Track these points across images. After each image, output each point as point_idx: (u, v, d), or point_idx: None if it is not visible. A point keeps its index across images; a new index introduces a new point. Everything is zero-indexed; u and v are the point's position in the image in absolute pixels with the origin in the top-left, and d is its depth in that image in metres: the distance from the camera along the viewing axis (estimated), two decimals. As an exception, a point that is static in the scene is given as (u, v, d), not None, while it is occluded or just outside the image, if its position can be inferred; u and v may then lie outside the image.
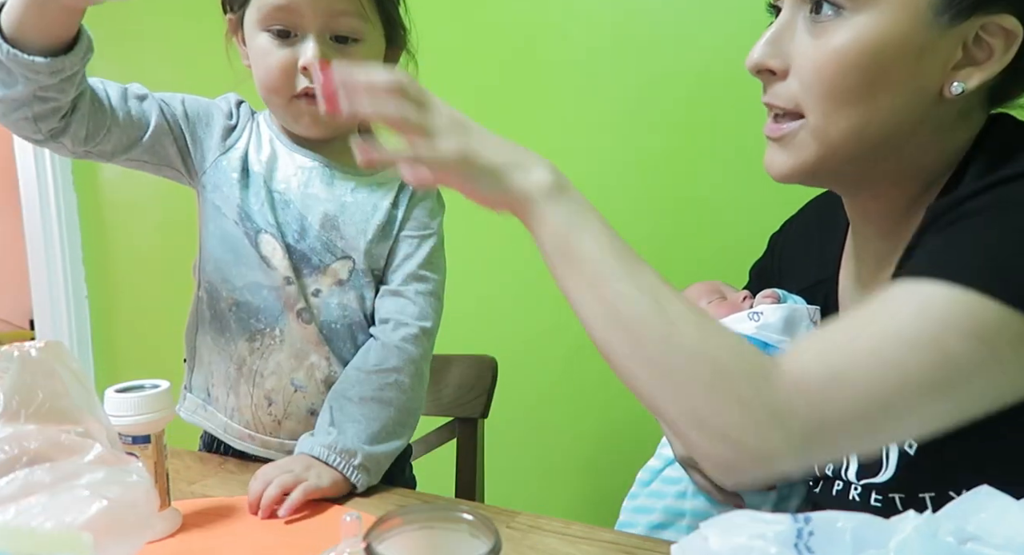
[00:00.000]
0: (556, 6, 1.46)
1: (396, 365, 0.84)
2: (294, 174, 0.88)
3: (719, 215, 1.37)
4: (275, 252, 0.85)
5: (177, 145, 0.86)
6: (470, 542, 0.46)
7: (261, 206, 0.85)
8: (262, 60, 0.83)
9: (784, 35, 0.63)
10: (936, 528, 0.42)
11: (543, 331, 1.55)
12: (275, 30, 0.81)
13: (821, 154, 0.63)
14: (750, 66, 0.65)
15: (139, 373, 0.71)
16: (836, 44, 0.59)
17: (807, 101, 0.62)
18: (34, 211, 2.19)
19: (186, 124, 0.86)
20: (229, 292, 0.87)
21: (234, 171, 0.87)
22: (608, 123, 1.45)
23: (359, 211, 0.88)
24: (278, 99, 0.84)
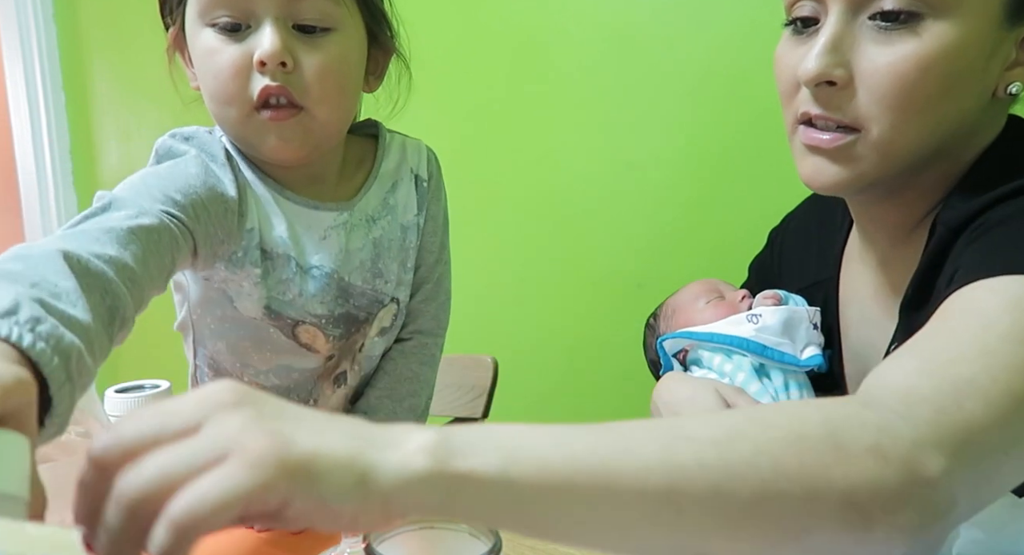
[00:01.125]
0: (558, 7, 1.46)
1: (411, 389, 0.81)
2: (325, 238, 0.72)
3: (722, 214, 1.37)
4: (317, 338, 0.74)
5: (189, 255, 0.65)
6: (470, 542, 0.46)
7: (297, 296, 0.71)
8: (209, 63, 0.66)
9: (843, 43, 0.58)
10: None
11: (543, 331, 1.55)
12: (222, 23, 0.64)
13: (882, 166, 0.60)
14: (810, 78, 0.59)
15: (139, 373, 0.71)
16: (918, 51, 0.55)
17: (875, 112, 0.58)
18: (34, 211, 2.19)
19: (197, 231, 0.65)
20: (251, 377, 0.75)
21: (254, 266, 0.69)
22: (610, 123, 1.44)
23: (394, 242, 0.77)
24: (234, 113, 0.66)
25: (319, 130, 0.68)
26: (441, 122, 1.60)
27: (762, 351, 0.77)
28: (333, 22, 0.66)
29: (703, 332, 0.81)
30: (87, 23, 2.12)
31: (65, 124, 2.16)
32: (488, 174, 1.57)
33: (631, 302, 1.46)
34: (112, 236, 0.54)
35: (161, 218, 0.60)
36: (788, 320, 0.78)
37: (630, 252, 1.45)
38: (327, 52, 0.66)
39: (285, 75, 0.64)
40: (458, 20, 1.55)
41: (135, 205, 0.59)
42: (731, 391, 0.75)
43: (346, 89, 0.69)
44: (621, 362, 1.48)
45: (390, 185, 0.79)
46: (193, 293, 0.73)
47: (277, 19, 0.64)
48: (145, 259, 0.56)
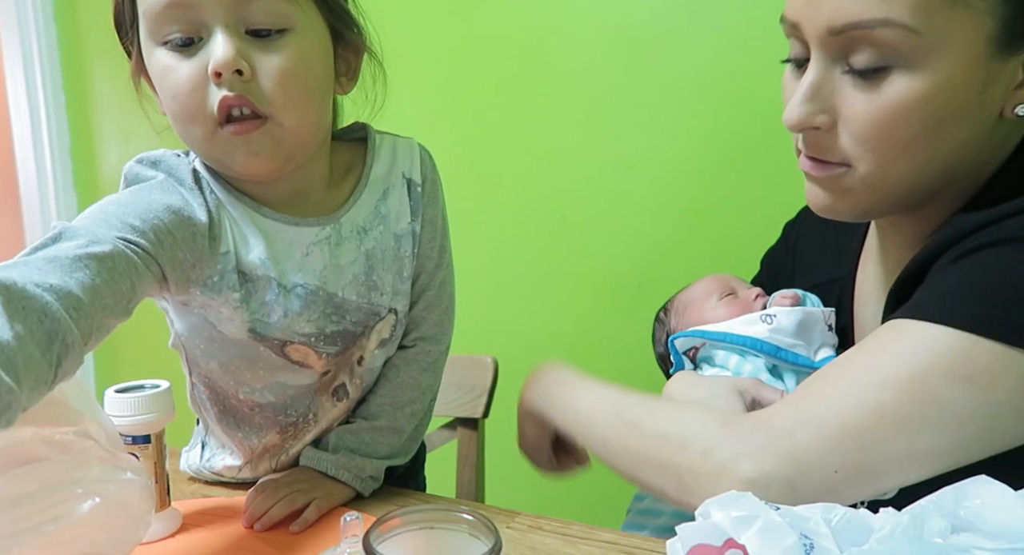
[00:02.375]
0: (559, 8, 1.46)
1: (413, 396, 0.80)
2: (307, 254, 0.70)
3: (722, 215, 1.37)
4: (308, 356, 0.72)
5: (156, 282, 0.64)
6: (470, 542, 0.46)
7: (282, 317, 0.68)
8: (166, 82, 0.63)
9: (822, 89, 0.60)
10: (921, 528, 0.41)
11: (544, 331, 1.55)
12: (174, 40, 0.62)
13: (874, 198, 0.62)
14: (792, 125, 0.61)
15: (139, 373, 0.71)
16: (894, 98, 0.56)
17: (859, 152, 0.59)
18: (34, 210, 2.19)
19: (163, 257, 0.62)
20: (247, 394, 0.73)
21: (232, 289, 0.66)
22: (610, 124, 1.44)
23: (387, 252, 0.74)
24: (198, 131, 0.64)
25: (289, 139, 0.65)
26: (442, 122, 1.60)
27: (776, 352, 0.76)
28: (288, 22, 0.63)
29: (717, 332, 0.80)
30: (87, 23, 2.12)
31: (65, 124, 2.16)
32: (489, 174, 1.57)
33: (631, 302, 1.47)
34: (56, 265, 0.53)
35: (115, 245, 0.58)
36: (803, 321, 0.77)
37: (630, 252, 1.45)
38: (285, 54, 0.63)
39: (243, 84, 0.61)
40: (460, 21, 1.55)
41: (88, 234, 0.57)
42: (750, 384, 0.74)
43: (311, 92, 0.66)
44: (621, 362, 1.48)
45: (381, 192, 0.75)
46: (176, 319, 0.72)
47: (227, 26, 0.61)
48: (95, 287, 0.54)
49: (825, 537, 0.43)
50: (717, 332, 0.80)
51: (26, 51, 2.08)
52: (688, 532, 0.46)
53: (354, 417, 0.79)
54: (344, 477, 0.74)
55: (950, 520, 0.42)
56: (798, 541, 0.42)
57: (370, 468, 0.76)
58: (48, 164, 2.16)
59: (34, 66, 2.10)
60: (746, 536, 0.43)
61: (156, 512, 0.65)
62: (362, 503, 0.75)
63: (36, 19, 2.08)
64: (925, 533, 0.41)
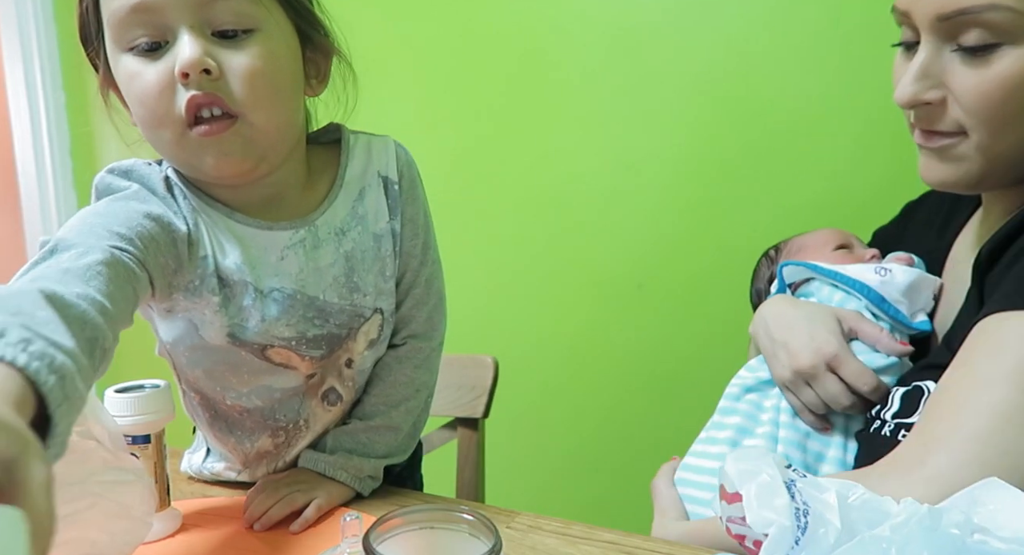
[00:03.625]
0: (560, 9, 1.46)
1: (407, 394, 0.80)
2: (283, 258, 0.69)
3: (722, 216, 1.37)
4: (291, 358, 0.71)
5: (148, 286, 0.63)
6: (470, 542, 0.46)
7: (260, 321, 0.68)
8: (133, 88, 0.63)
9: (932, 68, 0.64)
10: (939, 520, 0.42)
11: (544, 331, 1.55)
12: (140, 45, 0.62)
13: (987, 166, 0.66)
14: (905, 102, 0.66)
15: (139, 373, 0.71)
16: (1002, 73, 0.61)
17: (971, 123, 0.64)
18: (34, 211, 2.19)
19: (150, 263, 0.63)
20: (234, 399, 0.73)
21: (211, 293, 0.67)
22: (610, 124, 1.44)
23: (367, 253, 0.74)
24: (167, 135, 0.63)
25: (260, 138, 0.65)
26: (442, 122, 1.60)
27: (880, 302, 0.77)
28: (253, 22, 0.63)
29: (829, 269, 0.81)
30: (87, 23, 2.12)
31: (65, 124, 2.16)
32: (489, 174, 1.57)
33: (631, 302, 1.47)
34: (71, 276, 0.53)
35: (112, 253, 0.57)
36: (914, 283, 0.78)
37: (630, 252, 1.45)
38: (252, 53, 0.63)
39: (212, 82, 0.61)
40: (460, 22, 1.55)
41: (82, 244, 0.57)
42: (851, 314, 0.76)
43: (280, 89, 0.66)
44: (621, 362, 1.48)
45: (357, 193, 0.74)
46: (160, 328, 0.72)
47: (193, 27, 0.61)
48: (110, 293, 0.54)
49: (830, 508, 0.44)
50: (829, 269, 0.81)
51: (26, 51, 2.08)
52: (720, 472, 0.50)
53: (350, 418, 0.79)
54: (343, 477, 0.74)
55: (963, 527, 0.43)
56: (790, 503, 0.44)
57: (368, 467, 0.76)
58: (48, 164, 2.16)
59: (34, 66, 2.10)
60: (746, 488, 0.47)
61: (156, 512, 0.65)
62: (362, 503, 0.75)
63: (36, 19, 2.08)
64: (943, 525, 0.42)
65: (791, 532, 0.43)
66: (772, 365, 0.78)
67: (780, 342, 0.77)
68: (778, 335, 0.77)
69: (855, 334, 0.76)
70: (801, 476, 0.48)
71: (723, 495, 0.49)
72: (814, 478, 0.48)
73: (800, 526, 0.43)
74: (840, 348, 0.73)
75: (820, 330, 0.74)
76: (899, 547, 0.41)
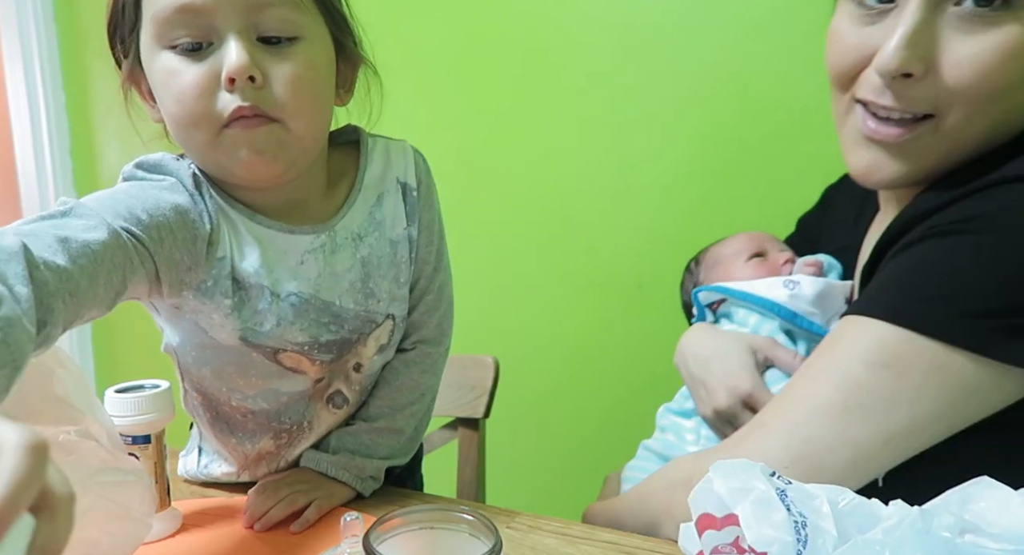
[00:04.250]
0: (563, 10, 1.46)
1: (412, 398, 0.80)
2: (301, 263, 0.69)
3: (722, 215, 1.37)
4: (302, 362, 0.71)
5: (148, 279, 0.62)
6: (470, 542, 0.46)
7: (275, 326, 0.68)
8: (170, 84, 0.62)
9: (922, 35, 0.57)
10: (930, 522, 0.42)
11: (544, 331, 1.55)
12: (182, 45, 0.61)
13: (947, 156, 0.61)
14: (889, 71, 0.58)
15: (139, 373, 0.71)
16: (1005, 41, 0.55)
17: (951, 101, 0.58)
18: (34, 211, 2.19)
19: (159, 254, 0.62)
20: (239, 401, 0.73)
21: (224, 296, 0.66)
22: (611, 124, 1.44)
23: (383, 259, 0.73)
24: (201, 135, 0.63)
25: (295, 143, 0.65)
26: (445, 123, 1.60)
27: (792, 318, 0.78)
28: (298, 30, 0.63)
29: (739, 290, 0.81)
30: (87, 23, 2.12)
31: (65, 124, 2.16)
32: (490, 174, 1.57)
33: (631, 302, 1.47)
34: (64, 246, 0.53)
35: (119, 235, 0.57)
36: (823, 293, 0.78)
37: (631, 252, 1.45)
38: (296, 61, 0.63)
39: (255, 91, 0.61)
40: (464, 22, 1.55)
41: (95, 216, 0.57)
42: (764, 342, 0.77)
43: (319, 99, 0.67)
44: (621, 362, 1.48)
45: (375, 198, 0.74)
46: (166, 325, 0.71)
47: (240, 32, 0.61)
48: (94, 274, 0.54)
49: (824, 517, 0.44)
50: (739, 291, 0.81)
51: (26, 51, 2.08)
52: (700, 497, 0.49)
53: (353, 419, 0.79)
54: (344, 477, 0.74)
55: (954, 528, 0.43)
56: (788, 516, 0.43)
57: (370, 468, 0.76)
58: (48, 164, 2.16)
59: (34, 66, 2.10)
60: (740, 507, 0.45)
61: (156, 512, 0.65)
62: (362, 503, 0.75)
63: (36, 19, 2.08)
64: (934, 527, 0.42)
65: (793, 547, 0.42)
66: (695, 401, 0.81)
67: (699, 380, 0.78)
68: (696, 372, 0.78)
69: (770, 362, 0.77)
70: (787, 482, 0.47)
71: (708, 523, 0.47)
72: (801, 485, 0.47)
73: (800, 539, 0.43)
74: (754, 386, 0.74)
75: (734, 367, 0.75)
76: (892, 550, 0.41)
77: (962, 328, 0.54)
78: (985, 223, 0.55)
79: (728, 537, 0.46)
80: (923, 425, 0.56)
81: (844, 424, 0.57)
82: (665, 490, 0.67)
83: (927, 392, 0.55)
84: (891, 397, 0.56)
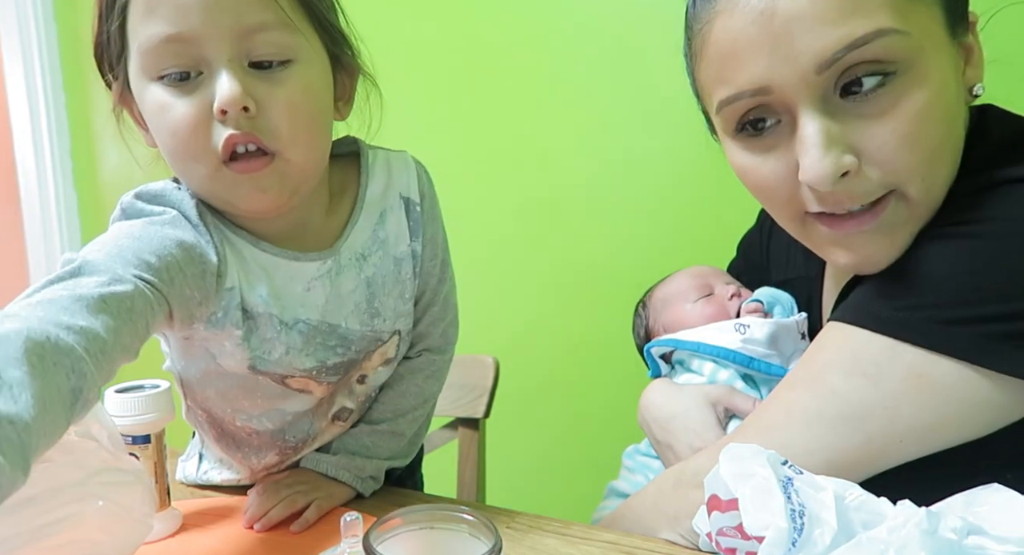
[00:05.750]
0: (558, 7, 1.46)
1: (415, 403, 0.80)
2: (308, 290, 0.68)
3: (721, 215, 1.37)
4: (309, 384, 0.71)
5: (164, 319, 0.62)
6: (470, 542, 0.46)
7: (284, 354, 0.67)
8: (163, 120, 0.60)
9: (833, 134, 0.54)
10: (936, 523, 0.42)
11: (544, 331, 1.55)
12: (171, 75, 0.59)
13: (925, 216, 0.58)
14: (825, 183, 0.55)
15: (139, 373, 0.71)
16: (915, 107, 0.53)
17: (901, 176, 0.56)
18: (34, 209, 2.19)
19: (172, 295, 0.60)
20: (244, 421, 0.73)
21: (234, 327, 0.65)
22: (609, 123, 1.44)
23: (388, 277, 0.73)
24: (201, 170, 0.61)
25: (296, 174, 0.63)
26: (443, 123, 1.60)
27: (748, 363, 0.77)
28: (291, 53, 0.61)
29: (691, 342, 0.81)
30: (87, 23, 2.12)
31: (65, 124, 2.16)
32: (489, 174, 1.57)
33: (631, 302, 1.46)
34: (83, 305, 0.51)
35: (136, 284, 0.56)
36: (775, 333, 0.78)
37: (630, 252, 1.45)
38: (289, 87, 0.61)
39: (249, 120, 0.59)
40: (459, 22, 1.55)
41: (108, 271, 0.55)
42: (722, 392, 0.76)
43: (317, 123, 0.64)
44: (621, 362, 1.48)
45: (378, 216, 0.72)
46: (174, 350, 0.70)
47: (231, 61, 0.58)
48: (118, 328, 0.52)
49: (826, 508, 0.44)
50: (691, 342, 0.81)
51: (26, 51, 2.08)
52: (712, 479, 0.50)
53: (358, 423, 0.80)
54: (344, 477, 0.75)
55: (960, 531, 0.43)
56: (786, 503, 0.44)
57: (370, 468, 0.76)
58: (48, 164, 2.16)
59: (34, 66, 2.10)
60: (741, 491, 0.47)
61: (156, 512, 0.65)
62: (362, 503, 0.75)
63: (36, 19, 2.08)
64: (940, 528, 0.42)
65: (787, 534, 0.43)
66: (663, 462, 0.80)
67: (664, 444, 0.77)
68: (660, 436, 0.78)
69: (732, 412, 0.76)
70: (797, 472, 0.48)
71: (715, 505, 0.49)
72: (811, 476, 0.48)
73: (796, 527, 0.43)
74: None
75: (697, 426, 0.74)
76: (897, 549, 0.41)
77: (944, 334, 0.53)
78: (967, 230, 0.55)
79: (732, 520, 0.47)
80: (903, 433, 0.55)
81: (820, 431, 0.57)
82: (656, 494, 0.68)
83: (905, 399, 0.54)
84: (868, 405, 0.55)
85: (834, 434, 0.56)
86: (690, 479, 0.63)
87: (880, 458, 0.56)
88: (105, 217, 0.66)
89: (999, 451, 0.55)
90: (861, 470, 0.57)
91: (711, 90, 0.61)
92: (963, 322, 0.53)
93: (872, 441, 0.56)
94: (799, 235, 0.64)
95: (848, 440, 0.56)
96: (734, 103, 0.58)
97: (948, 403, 0.53)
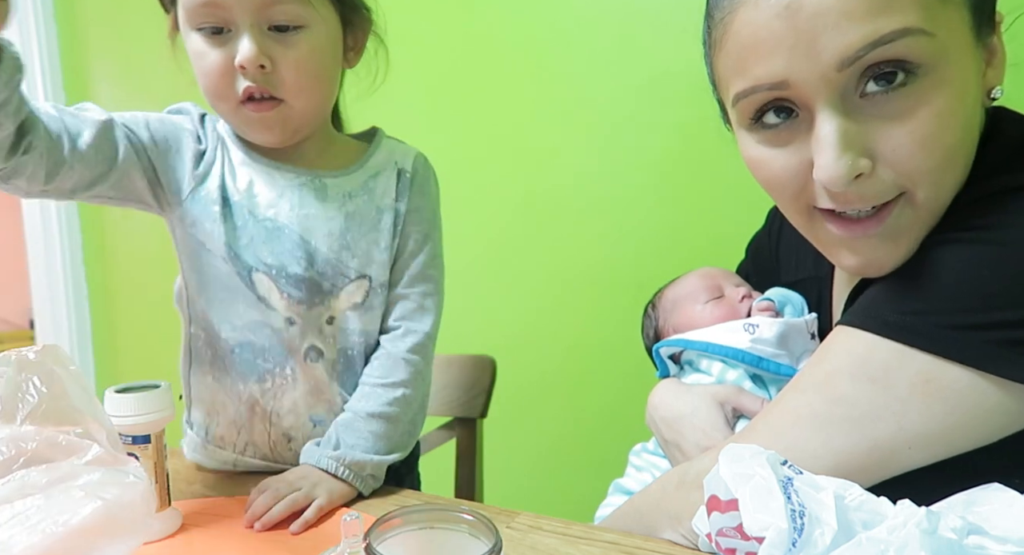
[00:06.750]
0: (557, 7, 1.46)
1: (403, 378, 0.81)
2: (281, 196, 0.80)
3: (721, 215, 1.37)
4: (272, 292, 0.78)
5: (146, 177, 0.77)
6: (470, 542, 0.46)
7: (250, 241, 0.78)
8: (199, 63, 0.75)
9: (849, 133, 0.54)
10: (936, 523, 0.42)
11: (543, 331, 1.55)
12: (207, 28, 0.73)
13: (931, 222, 0.58)
14: (838, 184, 0.54)
15: (139, 373, 0.71)
16: (934, 111, 0.53)
17: (914, 180, 0.55)
18: (34, 210, 2.19)
19: (155, 153, 0.77)
20: (230, 331, 0.80)
21: (214, 204, 0.78)
22: (609, 123, 1.44)
23: (366, 219, 0.82)
24: (224, 105, 0.77)
25: (298, 118, 0.78)
26: (443, 122, 1.60)
27: (757, 363, 0.77)
28: (303, 20, 0.74)
29: (699, 342, 0.81)
30: (87, 23, 2.12)
31: (65, 124, 2.15)
32: (489, 174, 1.57)
33: (630, 302, 1.46)
34: (61, 111, 0.70)
35: (115, 122, 0.74)
36: (784, 333, 0.77)
37: (629, 252, 1.45)
38: (300, 49, 0.75)
39: (264, 75, 0.74)
40: (459, 20, 1.55)
41: (103, 112, 0.74)
42: (730, 392, 0.75)
43: (321, 78, 0.78)
44: (620, 362, 1.48)
45: (373, 173, 0.85)
46: (180, 249, 0.81)
47: (253, 26, 0.73)
48: (78, 129, 0.70)
49: (826, 508, 0.44)
50: (700, 342, 0.81)
51: (26, 51, 2.08)
52: (711, 479, 0.50)
53: (347, 408, 0.81)
54: (344, 474, 0.75)
55: (960, 530, 0.43)
56: (786, 504, 0.44)
57: (371, 466, 0.77)
58: (48, 164, 2.15)
59: (34, 66, 2.10)
60: (741, 491, 0.47)
61: (156, 512, 0.65)
62: (362, 503, 0.76)
63: (36, 19, 2.08)
64: (940, 528, 0.42)
65: (787, 534, 0.43)
66: (671, 462, 0.80)
67: (672, 443, 0.77)
68: (668, 436, 0.78)
69: (740, 412, 0.76)
70: (797, 472, 0.48)
71: (715, 505, 0.49)
72: (811, 476, 0.48)
73: (796, 528, 0.43)
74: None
75: (705, 426, 0.74)
76: (896, 549, 0.41)
77: (953, 340, 0.53)
78: (977, 235, 0.54)
79: (732, 521, 0.47)
80: (911, 439, 0.55)
81: (827, 434, 0.57)
82: (660, 493, 0.67)
83: (913, 405, 0.54)
84: (876, 410, 0.55)
85: (841, 439, 0.56)
86: (693, 480, 0.63)
87: (888, 463, 0.56)
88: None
89: (1007, 457, 0.55)
90: (868, 475, 0.56)
91: (728, 81, 0.61)
92: (972, 328, 0.52)
93: (879, 446, 0.55)
94: (805, 230, 0.64)
95: (855, 445, 0.56)
96: (751, 96, 0.58)
97: (956, 409, 0.53)
